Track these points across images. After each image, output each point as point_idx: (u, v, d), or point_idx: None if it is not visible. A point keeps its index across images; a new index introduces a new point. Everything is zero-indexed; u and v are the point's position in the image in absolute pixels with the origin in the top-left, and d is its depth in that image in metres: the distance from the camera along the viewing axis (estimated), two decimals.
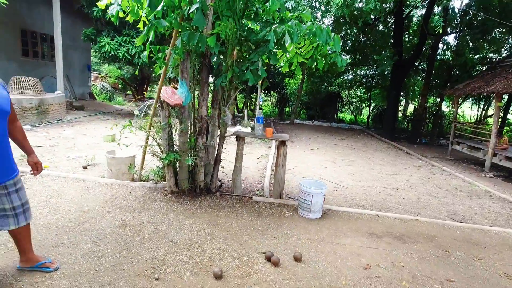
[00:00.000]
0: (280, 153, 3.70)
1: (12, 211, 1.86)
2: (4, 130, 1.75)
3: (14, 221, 1.88)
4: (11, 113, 1.82)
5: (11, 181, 1.83)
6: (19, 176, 1.90)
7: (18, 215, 1.88)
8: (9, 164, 1.82)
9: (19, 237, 1.98)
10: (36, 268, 2.05)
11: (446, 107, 15.03)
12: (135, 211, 3.08)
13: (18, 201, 1.87)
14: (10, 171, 1.82)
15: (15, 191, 1.86)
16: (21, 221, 1.91)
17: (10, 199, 1.83)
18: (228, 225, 2.98)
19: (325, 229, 3.10)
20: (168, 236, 2.66)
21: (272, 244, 2.70)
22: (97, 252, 2.33)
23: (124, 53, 8.90)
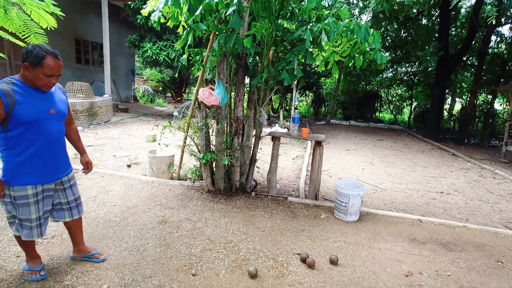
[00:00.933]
0: (316, 153, 3.65)
1: (67, 205, 2.02)
2: (61, 131, 1.91)
3: (69, 214, 2.05)
4: (68, 116, 2.00)
5: (66, 178, 1.99)
6: (72, 173, 2.07)
7: (72, 209, 2.05)
8: (65, 162, 1.98)
9: (73, 228, 2.16)
10: (86, 258, 2.22)
11: (499, 105, 13.79)
12: (174, 209, 3.21)
13: (72, 196, 2.03)
14: (65, 168, 1.99)
15: (70, 187, 2.02)
16: (74, 215, 2.07)
17: (65, 194, 2.00)
18: (263, 225, 2.99)
19: (362, 232, 3.00)
20: (205, 234, 2.74)
21: (307, 245, 2.67)
22: (140, 246, 2.47)
23: (165, 57, 9.32)
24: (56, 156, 1.89)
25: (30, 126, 1.71)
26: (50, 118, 1.79)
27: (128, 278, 2.09)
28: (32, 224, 1.84)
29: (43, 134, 1.77)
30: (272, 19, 3.19)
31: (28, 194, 1.79)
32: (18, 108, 1.65)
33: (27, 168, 1.77)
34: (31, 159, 1.77)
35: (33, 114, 1.71)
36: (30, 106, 1.70)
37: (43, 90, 1.76)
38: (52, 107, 1.80)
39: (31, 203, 1.81)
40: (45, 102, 1.77)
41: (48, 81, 1.72)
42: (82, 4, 10.49)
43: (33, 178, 1.80)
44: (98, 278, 2.07)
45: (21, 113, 1.66)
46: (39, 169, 1.81)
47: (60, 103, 1.87)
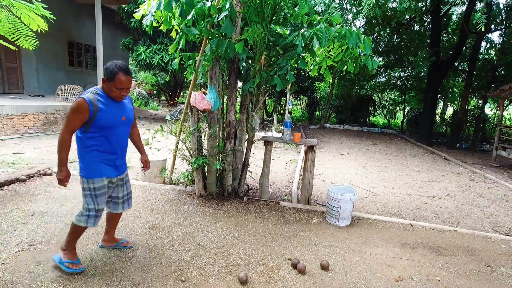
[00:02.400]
0: (308, 158, 3.65)
1: (122, 199, 2.31)
2: (127, 134, 2.22)
3: (122, 206, 2.33)
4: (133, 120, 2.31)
5: (124, 174, 2.28)
6: (127, 171, 2.33)
7: (125, 202, 2.33)
8: (125, 160, 2.28)
9: (113, 220, 2.43)
10: (116, 247, 2.46)
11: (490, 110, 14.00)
12: (165, 213, 3.18)
13: (126, 190, 2.33)
14: (125, 166, 2.30)
15: (126, 182, 2.31)
16: (125, 207, 2.35)
17: (123, 188, 2.29)
18: (255, 230, 2.98)
19: (354, 237, 3.00)
20: (196, 239, 2.71)
21: (299, 251, 2.66)
22: (129, 252, 2.44)
23: (159, 60, 9.30)
24: (121, 155, 2.19)
25: (107, 129, 2.02)
26: (121, 123, 2.10)
27: (116, 285, 2.05)
28: (93, 214, 2.11)
29: (114, 136, 2.07)
30: (265, 24, 3.21)
31: (97, 186, 2.07)
32: (100, 114, 1.95)
33: (101, 163, 2.06)
34: (101, 156, 2.05)
35: (110, 120, 2.01)
36: (108, 113, 2.00)
37: (116, 101, 2.05)
38: (124, 115, 2.10)
39: (99, 194, 2.09)
40: (119, 110, 2.07)
41: (119, 93, 2.00)
42: (76, 7, 10.44)
43: (105, 171, 2.09)
44: (85, 285, 2.03)
45: (101, 119, 1.96)
46: (109, 164, 2.10)
47: (129, 111, 2.17)
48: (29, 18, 3.03)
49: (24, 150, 5.38)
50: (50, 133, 6.93)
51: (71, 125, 1.94)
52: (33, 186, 3.64)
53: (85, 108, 1.90)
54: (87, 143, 2.02)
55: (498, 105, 8.99)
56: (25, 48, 3.51)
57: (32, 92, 9.25)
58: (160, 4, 2.87)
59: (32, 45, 3.44)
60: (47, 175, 3.97)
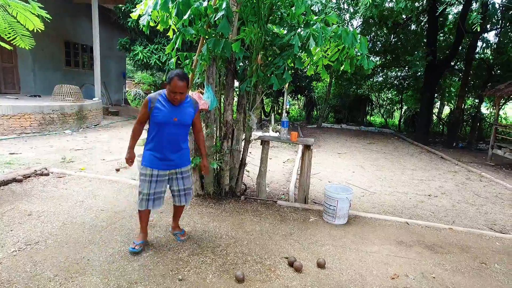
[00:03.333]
0: (305, 157, 3.67)
1: (177, 192, 2.51)
2: (178, 134, 2.37)
3: (178, 200, 2.55)
4: (197, 125, 2.56)
5: (179, 170, 2.45)
6: (188, 168, 2.52)
7: (181, 196, 2.53)
8: (180, 158, 2.43)
9: (176, 211, 2.71)
10: (174, 235, 2.72)
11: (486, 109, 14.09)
12: (163, 213, 3.19)
13: (182, 186, 2.50)
14: (179, 163, 2.44)
15: (181, 178, 2.48)
16: (182, 201, 2.56)
17: (177, 183, 2.47)
18: (252, 229, 3.00)
19: (350, 235, 3.02)
20: (193, 238, 2.72)
21: (295, 249, 2.68)
22: (126, 252, 2.44)
23: (156, 60, 9.30)
24: (169, 152, 2.35)
25: (159, 126, 2.29)
26: (172, 124, 2.30)
27: (114, 284, 2.06)
28: (143, 197, 2.38)
29: (164, 134, 2.31)
30: (262, 23, 3.22)
31: (147, 173, 2.35)
32: (155, 111, 2.26)
33: (150, 154, 2.35)
34: (152, 148, 2.34)
35: (161, 118, 2.26)
36: (162, 112, 2.26)
37: (173, 104, 2.29)
38: (176, 117, 2.30)
39: (147, 180, 2.35)
40: (173, 112, 2.29)
41: (174, 97, 2.23)
42: (73, 6, 10.41)
43: (152, 163, 2.35)
44: (82, 284, 2.04)
45: (155, 115, 2.27)
46: (155, 157, 2.34)
47: (185, 115, 2.36)
48: (25, 18, 3.03)
49: (20, 150, 5.36)
50: (47, 133, 6.91)
51: (139, 116, 2.36)
52: (30, 186, 3.64)
53: (146, 103, 2.28)
54: (148, 135, 2.37)
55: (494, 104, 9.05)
56: (21, 47, 3.51)
57: (29, 92, 9.21)
58: (157, 4, 2.88)
59: (29, 45, 3.43)
60: (43, 175, 3.97)
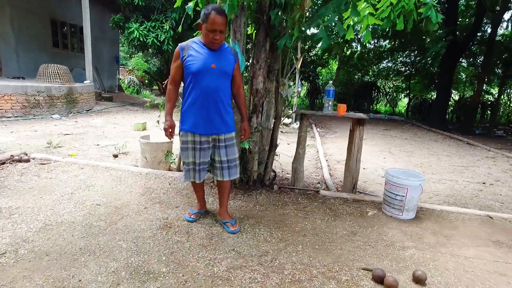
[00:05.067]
0: (355, 135, 2.92)
1: (219, 164, 2.07)
2: (219, 87, 1.94)
3: (220, 173, 2.09)
4: (237, 79, 2.07)
5: (222, 136, 2.02)
6: (232, 135, 2.07)
7: (223, 169, 2.07)
8: (222, 121, 1.99)
9: (220, 189, 2.20)
10: (222, 223, 2.17)
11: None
12: (179, 208, 2.42)
13: (224, 156, 2.04)
14: (221, 127, 2.01)
15: (224, 147, 2.04)
16: (225, 175, 2.08)
17: (219, 152, 2.04)
18: (301, 227, 2.25)
19: (429, 234, 2.29)
20: (228, 243, 1.97)
21: (370, 255, 1.94)
22: (137, 265, 1.67)
23: (153, 39, 8.39)
24: (210, 110, 1.95)
25: (195, 76, 1.90)
26: (210, 72, 1.89)
27: None
28: (189, 167, 2.06)
29: (202, 86, 1.91)
30: None
31: (188, 140, 2.00)
32: (189, 59, 1.89)
33: (187, 115, 1.98)
34: (189, 108, 1.96)
35: (198, 66, 1.88)
36: (197, 58, 1.89)
37: (210, 48, 1.91)
38: (214, 63, 1.90)
39: (189, 148, 2.01)
40: (210, 58, 1.90)
41: (213, 37, 1.84)
42: None
43: (191, 126, 1.97)
44: None
45: (189, 65, 1.89)
46: (194, 118, 1.96)
47: (224, 61, 1.95)
48: None
49: None
50: (31, 118, 6.03)
51: (171, 74, 2.00)
52: (3, 175, 2.82)
53: (177, 53, 1.93)
54: (184, 94, 2.00)
55: None
56: None
57: (11, 75, 8.25)
58: None
59: None
60: (22, 161, 3.15)
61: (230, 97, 2.07)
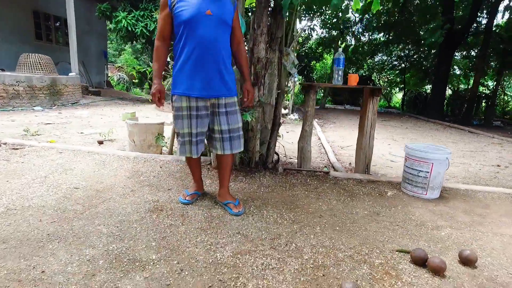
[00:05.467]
0: (368, 109, 2.62)
1: (219, 134, 1.76)
2: (217, 39, 1.63)
3: (220, 146, 1.78)
4: (236, 31, 1.77)
5: (222, 101, 1.72)
6: (234, 100, 1.76)
7: (224, 141, 1.76)
8: (222, 81, 1.69)
9: (220, 165, 1.87)
10: (223, 205, 1.86)
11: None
12: (171, 190, 2.08)
13: (225, 125, 1.74)
14: (222, 89, 1.71)
15: (225, 113, 1.73)
16: (226, 148, 1.77)
17: (219, 120, 1.73)
18: (315, 208, 1.93)
19: (461, 213, 2.00)
20: (231, 226, 1.64)
21: (401, 235, 1.64)
22: (120, 252, 1.33)
23: (142, 28, 7.99)
24: (208, 67, 1.64)
25: (186, 26, 1.60)
26: (206, 19, 1.60)
27: None
28: (184, 139, 1.75)
29: (196, 38, 1.60)
30: None
31: (182, 106, 1.69)
32: (178, 6, 1.60)
33: (180, 77, 1.68)
34: (182, 67, 1.66)
35: (190, 13, 1.58)
36: (189, 5, 1.59)
37: None
38: (210, 8, 1.60)
39: (184, 116, 1.71)
40: (204, 2, 1.60)
41: None
42: None
43: (185, 87, 1.67)
44: None
45: (179, 12, 1.59)
46: (190, 77, 1.65)
47: (222, 8, 1.64)
48: None
49: None
50: (10, 109, 5.60)
51: (159, 27, 1.70)
52: None
53: (164, 2, 1.64)
54: (175, 52, 1.69)
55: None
56: None
57: None
58: None
59: None
60: None
61: (230, 54, 1.76)
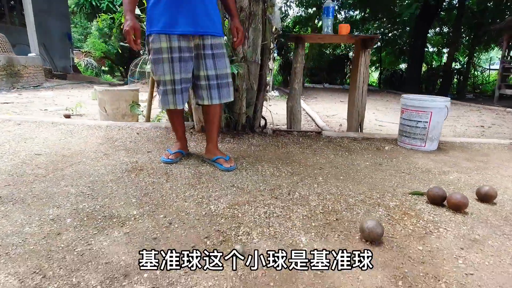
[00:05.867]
0: (360, 63, 2.45)
1: (205, 81, 1.53)
2: None
3: (207, 94, 1.56)
4: None
5: (207, 40, 1.48)
6: (221, 41, 1.54)
7: (212, 88, 1.54)
8: (208, 16, 1.46)
9: (207, 117, 1.66)
10: (212, 162, 1.64)
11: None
12: (152, 153, 1.84)
13: (212, 69, 1.52)
14: (208, 25, 1.46)
15: (212, 56, 1.51)
16: (213, 97, 1.56)
17: (205, 63, 1.50)
18: (314, 162, 1.76)
19: (463, 161, 1.91)
20: (223, 180, 1.44)
21: (410, 180, 1.51)
22: (92, 210, 1.10)
23: (108, 3, 7.41)
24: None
25: None
26: None
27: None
28: (165, 88, 1.51)
29: None
30: None
31: (162, 47, 1.45)
32: None
33: (157, 11, 1.42)
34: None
35: None
36: None
37: None
38: None
39: (165, 59, 1.47)
40: None
41: None
42: None
43: (163, 24, 1.42)
44: None
45: None
46: (170, 10, 1.40)
47: None
48: None
49: None
50: None
51: None
52: None
53: None
54: None
55: (499, 42, 8.45)
56: None
57: None
58: None
59: None
60: None
61: None
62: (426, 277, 0.80)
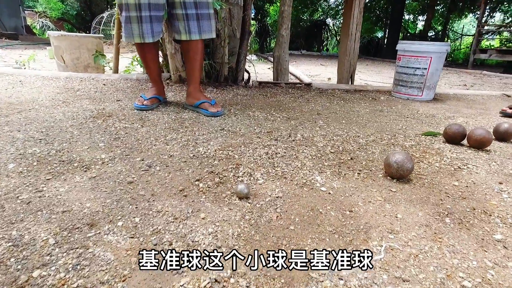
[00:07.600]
0: (353, 5, 2.23)
1: (182, 10, 1.28)
2: None
3: (184, 28, 1.31)
4: None
5: None
6: None
7: (190, 20, 1.29)
8: None
9: (187, 55, 1.40)
10: (195, 108, 1.40)
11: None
12: (122, 101, 1.56)
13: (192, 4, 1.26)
14: None
15: None
16: (192, 31, 1.31)
17: None
18: (310, 109, 1.58)
19: (463, 108, 1.81)
20: (211, 124, 1.22)
21: (417, 124, 1.37)
22: (46, 155, 0.86)
23: None
24: None
25: None
26: None
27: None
28: (129, 14, 1.23)
29: None
30: None
31: None
32: None
33: None
34: None
35: None
36: None
37: None
38: None
39: None
40: None
41: None
42: None
43: None
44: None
45: None
46: None
47: None
48: None
49: None
50: None
51: None
52: None
53: None
54: None
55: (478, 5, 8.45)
56: None
57: None
58: None
59: None
60: None
61: None
62: (475, 212, 0.66)
